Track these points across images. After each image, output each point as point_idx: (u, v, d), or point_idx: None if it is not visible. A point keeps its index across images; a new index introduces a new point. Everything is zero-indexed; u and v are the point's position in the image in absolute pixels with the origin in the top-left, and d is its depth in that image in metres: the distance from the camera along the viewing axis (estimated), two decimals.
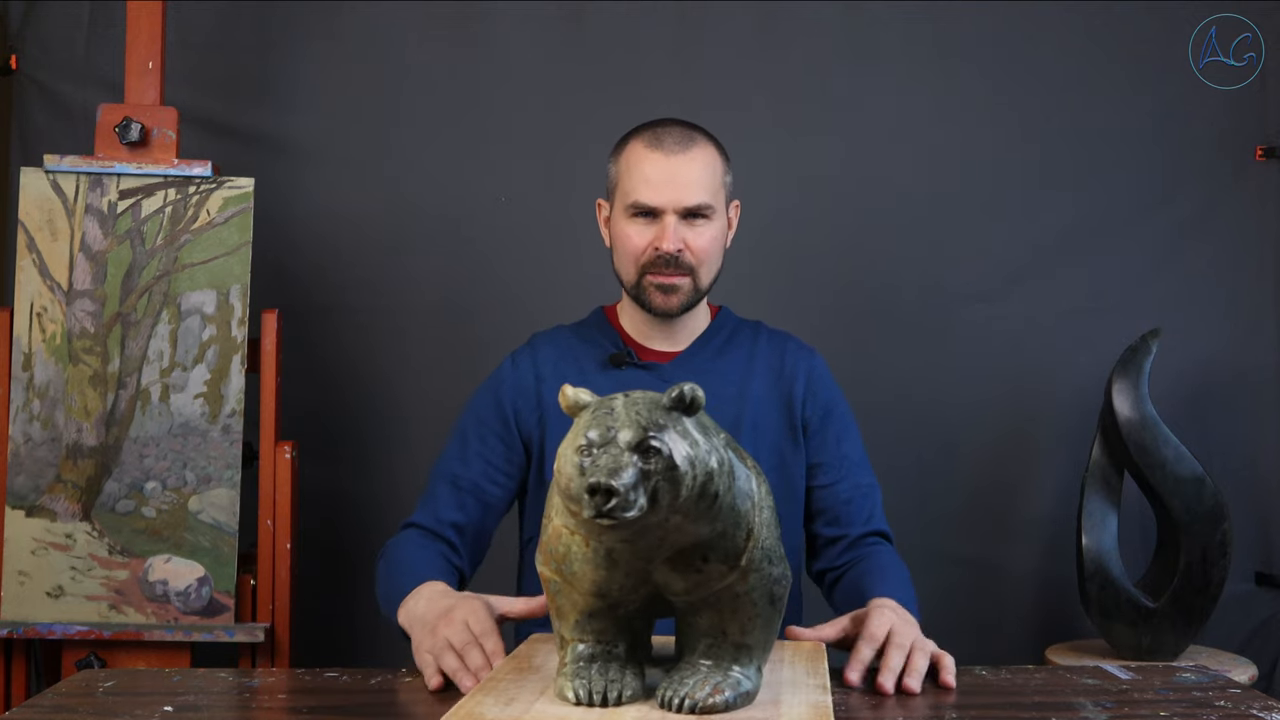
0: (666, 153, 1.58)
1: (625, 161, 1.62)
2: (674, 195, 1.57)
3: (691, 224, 1.59)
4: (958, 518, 2.56)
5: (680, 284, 1.60)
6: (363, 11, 2.52)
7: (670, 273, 1.60)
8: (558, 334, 1.74)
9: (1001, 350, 2.57)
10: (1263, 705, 1.17)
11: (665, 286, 1.60)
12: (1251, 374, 2.60)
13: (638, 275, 1.62)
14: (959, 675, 1.26)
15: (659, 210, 1.58)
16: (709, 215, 1.60)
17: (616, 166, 1.65)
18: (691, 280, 1.61)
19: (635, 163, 1.60)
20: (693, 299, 1.63)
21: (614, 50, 2.54)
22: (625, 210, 1.61)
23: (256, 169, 2.28)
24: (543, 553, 1.05)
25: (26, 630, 2.07)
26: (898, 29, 2.57)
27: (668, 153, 1.58)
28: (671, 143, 1.59)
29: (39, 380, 2.11)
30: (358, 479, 2.48)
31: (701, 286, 1.63)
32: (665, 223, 1.58)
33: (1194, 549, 2.26)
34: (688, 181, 1.57)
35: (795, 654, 1.25)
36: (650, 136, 1.60)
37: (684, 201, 1.57)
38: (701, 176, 1.58)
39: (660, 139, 1.59)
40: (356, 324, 2.50)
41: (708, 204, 1.59)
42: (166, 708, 1.16)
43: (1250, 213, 2.61)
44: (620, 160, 1.64)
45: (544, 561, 1.05)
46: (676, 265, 1.59)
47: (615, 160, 1.66)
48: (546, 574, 1.05)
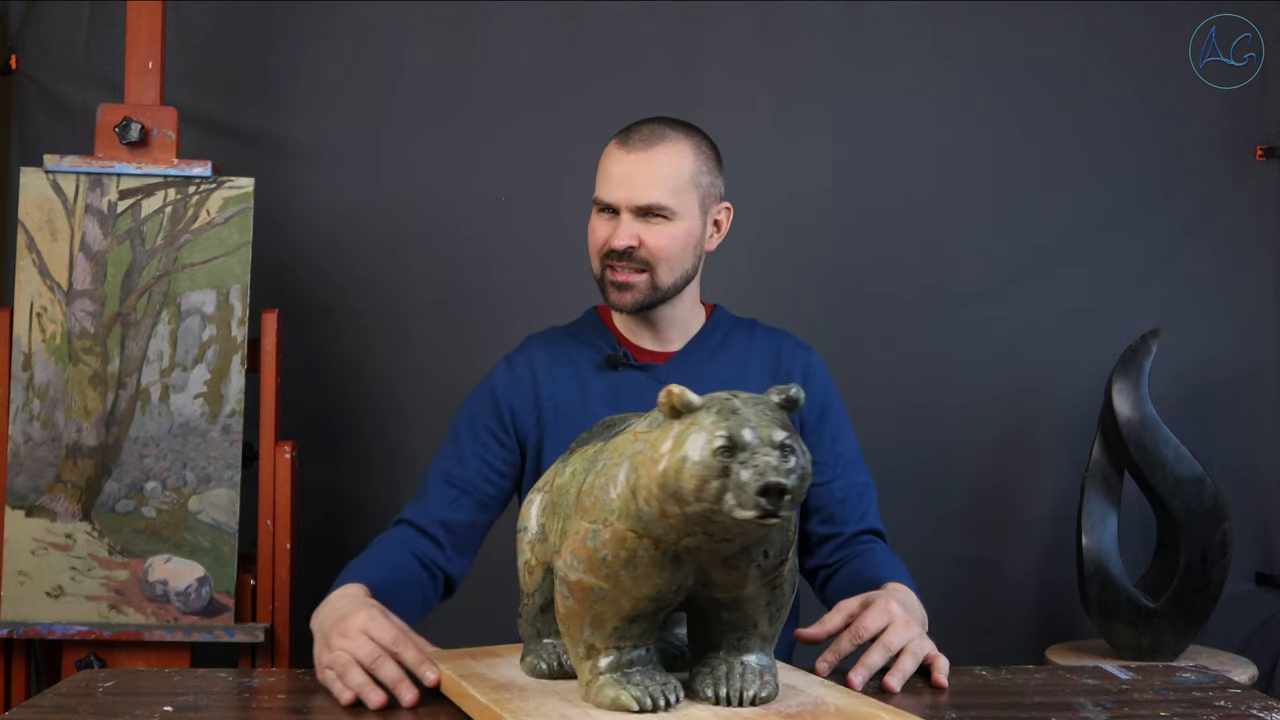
0: (629, 149, 1.58)
1: (602, 156, 1.63)
2: (628, 193, 1.57)
3: (649, 222, 1.58)
4: (957, 518, 2.56)
5: (635, 281, 1.60)
6: (363, 11, 2.52)
7: (625, 269, 1.59)
8: (552, 335, 1.73)
9: (1001, 350, 2.57)
10: (1263, 705, 1.17)
11: (620, 284, 1.60)
12: (1251, 374, 2.60)
13: (600, 269, 1.63)
14: (959, 675, 1.26)
15: (615, 206, 1.59)
16: (668, 215, 1.58)
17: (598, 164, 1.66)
18: (649, 278, 1.60)
19: (605, 158, 1.61)
20: (650, 296, 1.61)
21: (613, 50, 2.54)
22: (593, 204, 1.63)
23: (256, 169, 2.28)
24: (581, 560, 1.01)
25: (26, 630, 2.07)
26: (898, 29, 2.57)
27: (630, 149, 1.58)
28: (638, 140, 1.58)
29: (39, 380, 2.11)
30: (358, 479, 2.48)
31: (660, 285, 1.61)
32: (620, 219, 1.58)
33: (1194, 549, 2.26)
34: (645, 180, 1.57)
35: None
36: (624, 133, 1.61)
37: (636, 200, 1.57)
38: (662, 176, 1.57)
39: (629, 136, 1.60)
40: (356, 324, 2.50)
41: (663, 204, 1.57)
42: (166, 708, 1.16)
43: (1250, 213, 2.61)
44: (602, 155, 1.65)
45: (585, 570, 1.01)
46: (630, 260, 1.59)
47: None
48: (589, 581, 1.01)
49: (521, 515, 1.18)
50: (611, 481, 0.99)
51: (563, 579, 1.03)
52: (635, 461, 0.97)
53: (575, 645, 1.05)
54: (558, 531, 1.08)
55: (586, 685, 1.04)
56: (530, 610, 1.17)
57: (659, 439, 0.96)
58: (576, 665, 1.06)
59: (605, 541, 0.99)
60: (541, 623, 1.16)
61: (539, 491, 1.17)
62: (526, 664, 1.16)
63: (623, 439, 1.03)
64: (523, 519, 1.18)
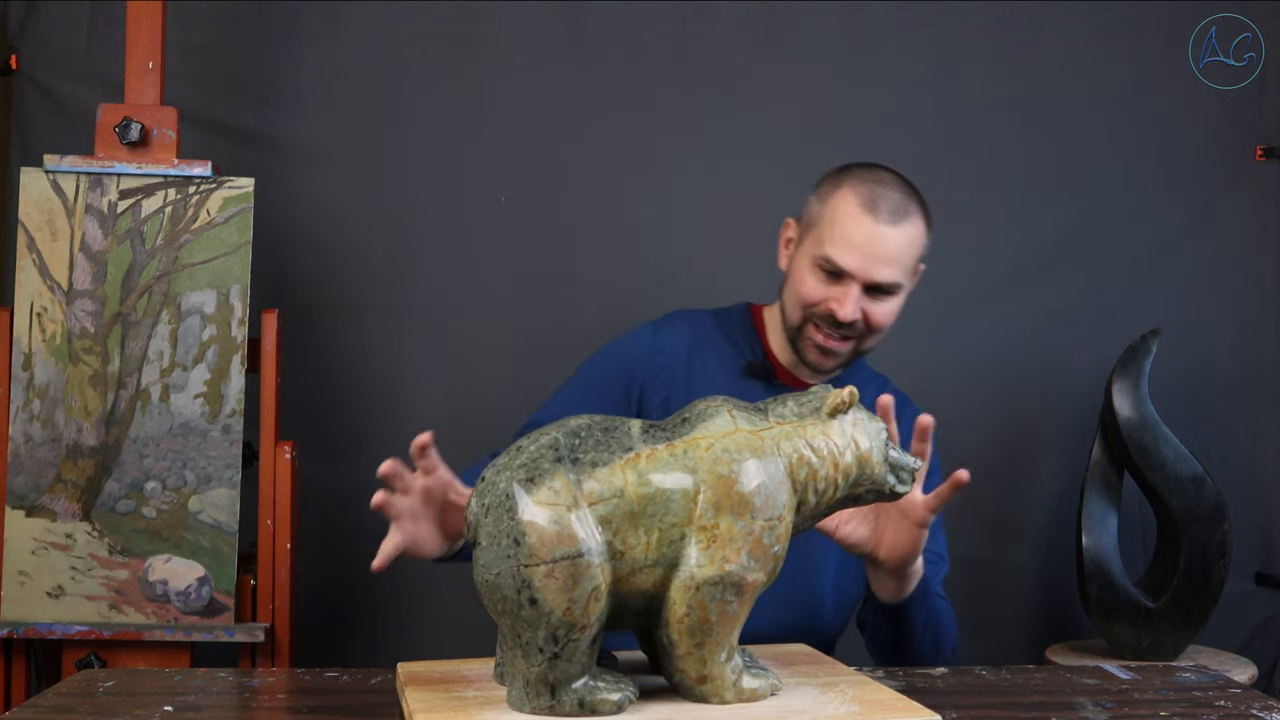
0: (878, 220, 1.50)
1: (833, 208, 1.54)
2: (870, 268, 1.50)
3: (875, 296, 1.53)
4: (957, 518, 2.55)
5: (842, 350, 1.56)
6: (363, 11, 2.52)
7: (837, 338, 1.55)
8: (699, 319, 1.67)
9: (1001, 350, 2.57)
10: (1263, 705, 1.17)
11: (826, 349, 1.55)
12: (1251, 374, 2.60)
13: (802, 320, 1.57)
14: (959, 675, 1.26)
15: (848, 274, 1.52)
16: (895, 292, 1.54)
17: (822, 206, 1.57)
18: (855, 345, 1.57)
19: (843, 216, 1.52)
20: (849, 362, 1.59)
21: (614, 50, 2.54)
22: (814, 257, 1.54)
23: (256, 169, 2.28)
24: (758, 559, 1.04)
25: (26, 630, 2.07)
26: (898, 29, 2.56)
27: (879, 220, 1.50)
28: (886, 211, 1.51)
29: (39, 380, 2.11)
30: (358, 479, 2.48)
31: (864, 351, 1.59)
32: (849, 290, 1.51)
33: (1194, 549, 2.26)
34: (889, 257, 1.50)
35: None
36: (867, 195, 1.52)
37: (877, 277, 1.51)
38: (904, 254, 1.52)
39: (877, 203, 1.51)
40: (356, 324, 2.50)
41: (898, 283, 1.53)
42: (166, 708, 1.16)
43: (1250, 213, 2.61)
44: (829, 203, 1.56)
45: (760, 568, 1.05)
46: (848, 329, 1.54)
47: (822, 198, 1.58)
48: (761, 580, 1.06)
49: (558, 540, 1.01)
50: (772, 477, 1.06)
51: (734, 583, 1.04)
52: (804, 455, 1.08)
53: (718, 651, 1.06)
54: (649, 545, 1.04)
55: (735, 687, 1.08)
56: (584, 642, 1.03)
57: (827, 434, 1.09)
58: (715, 671, 1.07)
59: (779, 536, 1.06)
60: (588, 655, 1.05)
61: (572, 509, 1.02)
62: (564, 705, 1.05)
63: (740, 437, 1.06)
64: (565, 544, 1.01)
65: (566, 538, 1.01)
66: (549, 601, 1.01)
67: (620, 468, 1.05)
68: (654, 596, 1.06)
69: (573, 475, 1.04)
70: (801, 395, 1.12)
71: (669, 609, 1.05)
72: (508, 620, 1.03)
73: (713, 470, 1.04)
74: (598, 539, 1.02)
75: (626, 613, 1.07)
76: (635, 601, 1.06)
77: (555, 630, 1.02)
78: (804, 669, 1.22)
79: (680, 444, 1.06)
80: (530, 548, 1.01)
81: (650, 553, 1.04)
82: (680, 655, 1.06)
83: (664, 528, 1.04)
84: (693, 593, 1.03)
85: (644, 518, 1.04)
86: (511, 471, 1.05)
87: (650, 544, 1.04)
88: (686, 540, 1.04)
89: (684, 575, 1.04)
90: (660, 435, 1.07)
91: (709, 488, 1.04)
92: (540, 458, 1.05)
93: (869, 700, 1.10)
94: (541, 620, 1.01)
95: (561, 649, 1.03)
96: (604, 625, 1.05)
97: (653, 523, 1.04)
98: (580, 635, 1.03)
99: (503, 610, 1.03)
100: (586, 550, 1.01)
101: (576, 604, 1.01)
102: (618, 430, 1.08)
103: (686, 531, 1.04)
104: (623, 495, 1.03)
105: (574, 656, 1.03)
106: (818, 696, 1.11)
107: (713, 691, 1.07)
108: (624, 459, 1.05)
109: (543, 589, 1.01)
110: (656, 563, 1.04)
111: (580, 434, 1.07)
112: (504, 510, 1.03)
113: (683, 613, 1.04)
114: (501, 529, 1.02)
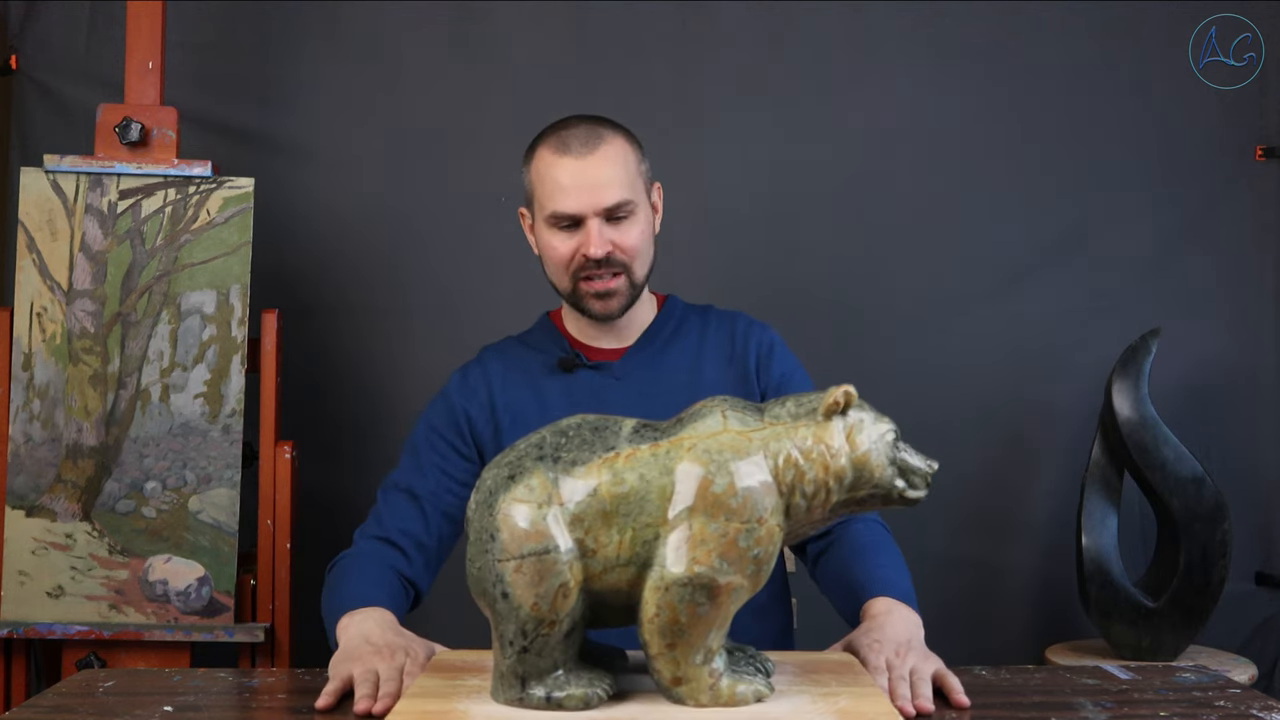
0: (575, 155, 1.54)
1: (536, 170, 1.59)
2: (591, 199, 1.53)
3: (615, 223, 1.56)
4: (958, 518, 2.56)
5: (616, 286, 1.58)
6: (363, 11, 2.52)
7: (603, 277, 1.57)
8: (505, 345, 1.72)
9: (1001, 351, 2.57)
10: (1263, 705, 1.17)
11: (601, 293, 1.57)
12: (1251, 374, 2.60)
13: (571, 283, 1.59)
14: (959, 675, 1.25)
15: (579, 216, 1.55)
16: (631, 210, 1.56)
17: (529, 176, 1.61)
18: (626, 279, 1.58)
19: (546, 170, 1.56)
20: (631, 297, 1.60)
21: (614, 50, 2.54)
22: (546, 220, 1.58)
23: (256, 169, 2.28)
24: (732, 562, 1.03)
25: (26, 630, 2.07)
26: (898, 29, 2.57)
27: (576, 155, 1.54)
28: (578, 144, 1.54)
29: (39, 380, 2.11)
30: (358, 479, 2.48)
31: (637, 282, 1.60)
32: (589, 227, 1.54)
33: (1194, 549, 2.26)
34: (602, 181, 1.53)
35: None
36: (556, 141, 1.56)
37: (602, 203, 1.54)
38: (615, 173, 1.55)
39: (566, 142, 1.55)
40: (356, 324, 2.50)
41: (627, 200, 1.55)
42: (166, 708, 1.16)
43: (1250, 213, 2.61)
44: (531, 169, 1.60)
45: (735, 570, 1.03)
46: (608, 265, 1.56)
47: (527, 169, 1.62)
48: (736, 582, 1.03)
49: (526, 537, 1.03)
50: (753, 479, 1.03)
51: (703, 584, 1.02)
52: (792, 457, 1.04)
53: (692, 653, 1.05)
54: (621, 544, 1.04)
55: (712, 690, 1.06)
56: (555, 638, 1.05)
57: (819, 436, 1.05)
58: (691, 673, 1.05)
59: (759, 539, 1.03)
60: (561, 651, 1.06)
61: (544, 506, 1.04)
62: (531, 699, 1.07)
63: (726, 437, 1.04)
64: (533, 540, 1.03)
65: (535, 534, 1.03)
66: (518, 596, 1.03)
67: (597, 467, 1.05)
68: (631, 595, 1.06)
69: (551, 474, 1.05)
70: (801, 395, 1.11)
71: (642, 608, 1.05)
72: (489, 613, 1.07)
73: (690, 470, 1.04)
74: (567, 537, 1.03)
75: (609, 611, 1.07)
76: (614, 600, 1.06)
77: (524, 625, 1.04)
78: (824, 678, 1.17)
79: (665, 444, 1.06)
80: (503, 543, 1.04)
81: (623, 551, 1.04)
82: (654, 655, 1.06)
83: (638, 527, 1.04)
84: (662, 593, 1.03)
85: (617, 516, 1.04)
86: (498, 469, 1.08)
87: (624, 543, 1.04)
88: (660, 540, 1.04)
89: (655, 575, 1.03)
90: (649, 435, 1.08)
91: (685, 488, 1.03)
92: (524, 456, 1.08)
93: (852, 712, 1.06)
94: (512, 614, 1.04)
95: (530, 643, 1.04)
96: (584, 622, 1.06)
97: (626, 522, 1.04)
98: (549, 631, 1.04)
99: (484, 603, 1.07)
100: (554, 547, 1.03)
101: (544, 600, 1.03)
102: (607, 430, 1.09)
103: (660, 531, 1.04)
104: (595, 494, 1.04)
105: (543, 651, 1.05)
106: (804, 706, 1.07)
107: (688, 694, 1.06)
108: (603, 458, 1.06)
109: (513, 583, 1.03)
110: (630, 562, 1.04)
111: (568, 433, 1.09)
112: (485, 506, 1.06)
113: (653, 613, 1.04)
114: (483, 524, 1.06)
